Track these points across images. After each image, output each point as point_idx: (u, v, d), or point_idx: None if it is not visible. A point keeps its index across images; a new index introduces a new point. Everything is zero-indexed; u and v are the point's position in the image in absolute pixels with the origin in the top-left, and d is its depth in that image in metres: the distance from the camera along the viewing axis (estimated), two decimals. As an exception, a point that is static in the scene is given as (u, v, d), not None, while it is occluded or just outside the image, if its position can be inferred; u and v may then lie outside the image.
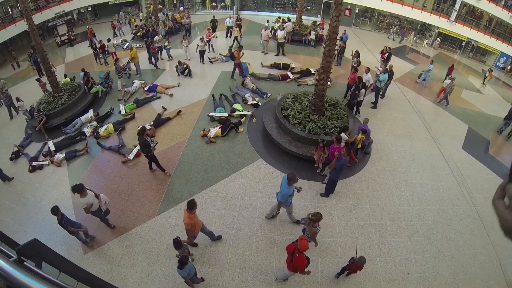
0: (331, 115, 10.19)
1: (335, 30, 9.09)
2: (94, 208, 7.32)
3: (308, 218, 6.31)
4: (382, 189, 9.17)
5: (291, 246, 5.79)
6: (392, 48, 19.38)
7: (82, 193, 6.90)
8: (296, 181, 6.69)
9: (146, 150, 8.80)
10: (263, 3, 26.77)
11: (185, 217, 6.28)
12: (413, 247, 7.65)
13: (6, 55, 23.39)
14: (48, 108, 12.93)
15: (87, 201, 6.94)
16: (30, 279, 1.36)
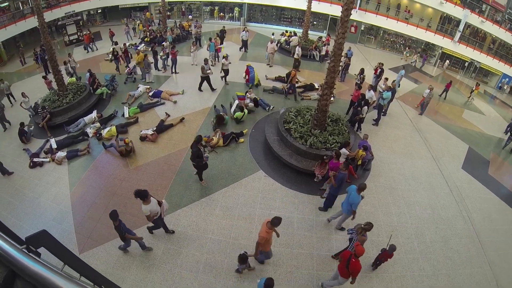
0: (332, 130, 10.29)
1: (341, 46, 9.22)
2: (156, 215, 7.05)
3: (361, 227, 6.46)
4: (381, 205, 9.22)
5: (346, 253, 5.97)
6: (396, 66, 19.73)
7: (146, 199, 6.59)
8: (364, 190, 7.10)
9: (197, 160, 8.61)
10: (270, 16, 27.16)
11: (263, 230, 6.10)
12: (410, 265, 7.66)
13: (14, 50, 23.61)
14: (53, 106, 13.03)
15: (150, 208, 6.64)
16: (39, 266, 1.44)
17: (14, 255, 1.58)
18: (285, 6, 25.51)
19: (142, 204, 6.60)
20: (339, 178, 7.76)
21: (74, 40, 23.76)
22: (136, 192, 6.53)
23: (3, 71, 21.33)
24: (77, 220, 8.70)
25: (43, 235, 1.89)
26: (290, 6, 25.09)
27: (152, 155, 10.82)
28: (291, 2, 24.55)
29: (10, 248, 1.61)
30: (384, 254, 6.86)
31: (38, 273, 1.49)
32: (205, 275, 7.02)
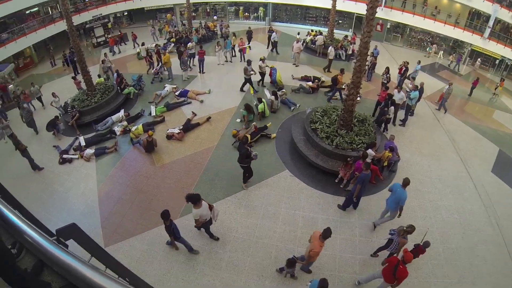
0: (359, 130, 10.10)
1: (366, 45, 9.02)
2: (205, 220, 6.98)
3: (403, 229, 6.41)
4: (406, 208, 8.75)
5: (394, 259, 5.93)
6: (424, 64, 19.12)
7: (197, 203, 6.55)
8: (408, 185, 7.28)
9: (246, 160, 8.56)
10: (295, 15, 26.97)
11: (317, 245, 5.93)
12: (434, 271, 7.38)
13: (44, 52, 24.62)
14: (82, 105, 13.50)
15: (201, 213, 6.59)
16: (68, 257, 1.48)
17: (45, 246, 1.64)
18: (309, 5, 25.28)
19: (193, 208, 6.55)
20: (360, 178, 7.66)
21: (102, 42, 24.57)
22: (188, 196, 6.51)
23: (34, 73, 22.35)
24: (104, 215, 8.97)
25: (73, 228, 2.00)
26: (315, 5, 24.82)
27: (178, 154, 11.00)
28: (315, 1, 24.28)
29: (41, 239, 1.66)
30: (417, 249, 6.70)
31: (67, 263, 1.53)
32: (227, 273, 7.06)
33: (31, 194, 10.03)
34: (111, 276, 1.51)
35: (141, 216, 8.70)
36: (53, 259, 1.61)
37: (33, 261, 2.49)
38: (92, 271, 1.48)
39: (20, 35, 21.46)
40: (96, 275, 1.44)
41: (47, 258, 1.65)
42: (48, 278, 2.26)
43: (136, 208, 9.00)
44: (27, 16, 23.65)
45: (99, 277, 1.44)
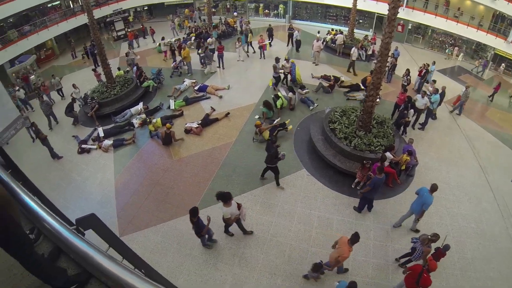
0: (377, 132, 9.97)
1: (387, 46, 8.88)
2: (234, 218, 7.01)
3: (428, 238, 6.35)
4: None
5: (417, 267, 5.83)
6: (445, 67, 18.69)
7: (228, 202, 6.55)
8: (436, 190, 7.30)
9: (274, 161, 8.52)
10: (316, 14, 26.72)
11: (346, 250, 5.83)
12: (447, 281, 7.19)
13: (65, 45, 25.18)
14: (101, 97, 13.74)
15: (231, 211, 6.62)
16: (86, 246, 1.49)
17: (64, 234, 1.66)
18: (330, 4, 24.99)
19: (223, 206, 6.56)
20: (372, 181, 7.59)
21: (122, 35, 24.93)
22: (219, 194, 6.47)
23: (55, 64, 22.88)
24: (120, 205, 9.13)
25: (92, 218, 2.03)
26: (336, 4, 24.53)
27: (196, 148, 11.08)
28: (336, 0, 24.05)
29: (60, 227, 1.69)
30: (438, 253, 6.62)
31: (85, 251, 1.55)
32: (239, 268, 7.10)
33: (50, 182, 10.31)
34: (127, 267, 1.52)
35: (156, 208, 8.81)
36: (71, 246, 1.63)
37: (50, 247, 2.55)
38: (109, 260, 1.50)
39: (42, 27, 22.04)
40: (113, 265, 1.46)
41: (65, 246, 1.67)
42: (64, 265, 2.33)
43: (152, 200, 9.12)
44: (49, 9, 24.29)
45: (116, 267, 1.46)
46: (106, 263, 1.49)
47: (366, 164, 8.64)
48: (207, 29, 21.73)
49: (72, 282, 2.14)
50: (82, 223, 1.90)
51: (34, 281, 2.21)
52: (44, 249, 2.52)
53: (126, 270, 1.44)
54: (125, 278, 1.40)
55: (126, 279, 1.39)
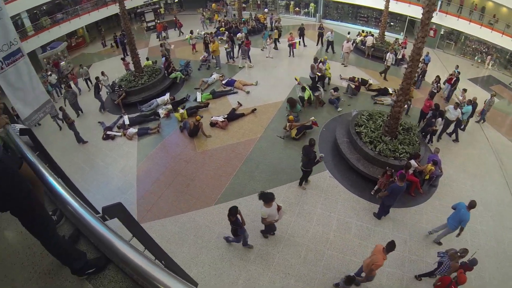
0: (403, 139, 9.77)
1: (419, 51, 8.68)
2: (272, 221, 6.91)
3: (457, 254, 6.25)
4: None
5: (446, 279, 5.86)
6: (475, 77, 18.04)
7: (269, 203, 6.45)
8: (474, 207, 7.17)
9: (310, 164, 8.39)
10: (346, 14, 26.25)
11: (380, 258, 5.71)
12: None
13: (95, 33, 25.88)
14: (129, 85, 14.07)
15: (269, 212, 6.52)
16: (109, 232, 1.51)
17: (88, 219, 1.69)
18: (361, 5, 24.47)
19: (263, 206, 6.46)
20: (391, 187, 7.44)
21: (152, 26, 25.37)
22: (262, 194, 6.40)
23: (85, 52, 23.59)
24: (140, 192, 9.36)
25: (119, 207, 2.03)
26: (367, 5, 23.99)
27: (220, 142, 11.20)
28: (368, 1, 23.43)
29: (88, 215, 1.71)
30: (464, 267, 6.47)
31: (107, 238, 1.56)
32: (254, 265, 7.13)
33: (73, 165, 10.70)
34: (148, 256, 1.55)
35: (176, 199, 8.97)
36: (93, 231, 1.65)
37: (71, 230, 2.64)
38: (129, 248, 1.53)
39: (74, 16, 22.74)
40: (133, 253, 1.48)
41: (87, 230, 1.69)
42: (83, 248, 2.41)
43: (173, 190, 9.29)
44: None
45: (135, 255, 1.47)
46: (127, 251, 1.51)
47: (388, 172, 8.51)
48: (237, 24, 21.82)
49: (90, 265, 2.21)
50: (108, 211, 1.95)
51: (53, 261, 2.30)
52: (65, 231, 2.62)
53: (146, 258, 1.47)
54: (143, 266, 1.42)
55: (144, 267, 1.41)
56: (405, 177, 7.55)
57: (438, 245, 7.80)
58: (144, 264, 1.39)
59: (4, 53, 4.81)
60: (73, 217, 1.69)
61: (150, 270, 1.35)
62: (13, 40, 4.95)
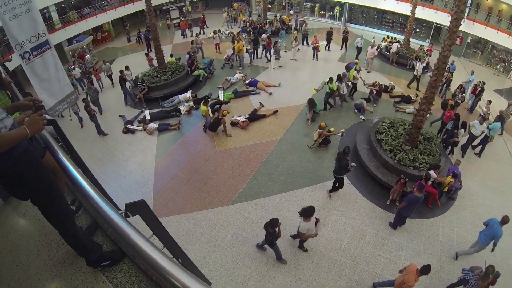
0: (424, 149, 9.64)
1: (445, 60, 8.51)
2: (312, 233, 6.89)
3: (488, 276, 6.10)
4: (459, 241, 8.24)
5: None
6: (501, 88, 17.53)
7: (309, 218, 6.47)
8: (507, 223, 7.02)
9: (341, 171, 8.31)
10: (372, 19, 25.84)
11: (412, 279, 5.64)
12: None
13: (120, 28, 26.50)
14: (151, 81, 14.36)
15: (308, 227, 6.54)
16: (132, 230, 1.53)
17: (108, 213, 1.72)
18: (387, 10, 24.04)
19: (303, 221, 6.45)
20: (408, 197, 7.36)
21: (176, 24, 25.66)
22: (303, 211, 6.38)
23: (110, 46, 24.17)
24: (157, 187, 9.53)
25: (141, 205, 2.06)
26: (393, 10, 23.56)
27: (240, 141, 11.28)
28: (394, 6, 23.01)
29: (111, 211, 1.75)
30: (490, 282, 6.36)
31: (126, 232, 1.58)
32: (266, 267, 7.15)
33: (93, 156, 11.00)
34: (165, 253, 1.57)
35: (193, 196, 9.10)
36: (116, 228, 1.66)
37: (88, 221, 2.73)
38: (146, 243, 1.54)
39: (100, 10, 23.30)
40: (155, 252, 1.48)
41: (108, 225, 1.69)
42: (100, 240, 2.50)
43: (190, 187, 9.42)
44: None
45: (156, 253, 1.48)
46: (147, 247, 1.53)
47: (402, 180, 8.42)
48: (262, 25, 21.88)
49: (106, 258, 2.28)
50: (131, 208, 1.97)
51: (68, 251, 2.37)
52: (83, 221, 2.72)
53: (165, 256, 1.48)
54: (162, 263, 1.42)
55: (160, 262, 1.42)
56: (424, 187, 7.49)
57: (454, 259, 7.70)
58: (163, 261, 1.40)
59: (32, 44, 4.88)
60: (94, 211, 1.70)
61: (168, 267, 1.37)
62: (41, 32, 5.02)
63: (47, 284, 2.23)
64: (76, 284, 2.20)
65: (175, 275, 1.31)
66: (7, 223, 2.89)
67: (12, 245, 2.56)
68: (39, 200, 2.13)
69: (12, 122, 2.02)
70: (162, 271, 1.35)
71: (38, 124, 1.98)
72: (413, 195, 7.33)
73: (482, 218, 8.96)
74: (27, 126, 1.92)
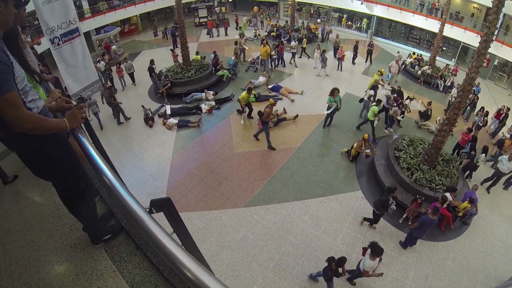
0: (442, 170, 9.53)
1: (472, 81, 8.37)
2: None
3: None
4: (469, 268, 8.10)
5: None
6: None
7: (376, 257, 6.25)
8: None
9: (381, 209, 7.86)
10: (398, 34, 25.59)
11: None
12: None
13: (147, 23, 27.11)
14: (175, 77, 14.60)
15: (373, 265, 6.32)
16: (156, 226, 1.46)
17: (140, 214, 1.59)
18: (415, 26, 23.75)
19: (369, 259, 6.25)
20: (422, 219, 7.27)
21: (204, 22, 26.05)
22: (375, 246, 6.17)
23: (136, 39, 24.69)
24: (171, 182, 9.68)
25: (167, 202, 2.05)
26: (421, 26, 23.26)
27: (258, 145, 11.34)
28: (422, 22, 22.72)
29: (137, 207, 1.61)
30: None
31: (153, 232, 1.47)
32: (272, 273, 7.16)
33: (110, 145, 11.27)
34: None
35: (206, 195, 9.20)
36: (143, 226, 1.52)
37: (104, 209, 2.80)
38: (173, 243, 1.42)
39: (130, 3, 23.84)
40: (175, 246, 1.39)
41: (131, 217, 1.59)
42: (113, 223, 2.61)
43: (204, 186, 9.53)
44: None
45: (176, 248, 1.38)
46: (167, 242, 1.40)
47: (418, 199, 8.34)
48: (289, 31, 21.95)
49: (107, 232, 2.42)
50: (156, 205, 1.97)
51: (81, 236, 2.43)
52: (98, 208, 2.75)
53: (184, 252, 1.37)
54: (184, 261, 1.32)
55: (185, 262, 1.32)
56: (439, 210, 7.41)
57: None
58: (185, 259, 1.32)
59: (63, 30, 5.02)
60: (117, 202, 1.64)
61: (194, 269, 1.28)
62: (72, 20, 5.15)
63: (56, 267, 2.27)
64: (85, 270, 2.23)
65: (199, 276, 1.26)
66: (23, 200, 2.96)
67: (25, 223, 2.62)
68: (62, 180, 2.15)
69: (44, 104, 2.04)
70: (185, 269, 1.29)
71: (77, 118, 2.03)
72: (427, 217, 7.25)
73: (494, 247, 8.91)
74: (67, 119, 1.97)
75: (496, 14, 7.66)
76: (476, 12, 22.36)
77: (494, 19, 7.69)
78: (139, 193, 9.09)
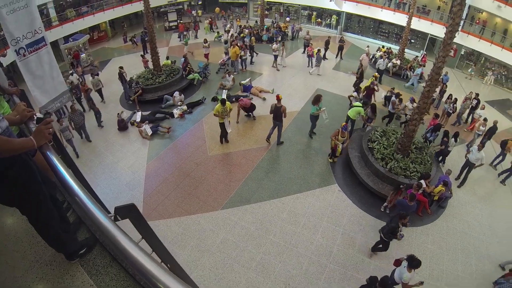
0: (415, 158, 9.70)
1: (439, 71, 8.62)
2: None
3: None
4: (448, 249, 8.29)
5: None
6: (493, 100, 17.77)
7: (413, 269, 6.17)
8: None
9: (389, 236, 7.40)
10: (368, 29, 26.18)
11: None
12: None
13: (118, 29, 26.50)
14: (146, 83, 14.29)
15: (411, 276, 6.17)
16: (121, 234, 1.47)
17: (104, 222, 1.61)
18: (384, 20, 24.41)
19: (407, 272, 6.16)
20: (400, 201, 7.56)
21: (173, 26, 25.85)
22: (413, 260, 6.10)
23: (106, 46, 24.13)
24: (147, 191, 9.45)
25: (131, 209, 2.02)
26: (389, 21, 23.94)
27: (232, 147, 11.26)
28: (390, 16, 23.41)
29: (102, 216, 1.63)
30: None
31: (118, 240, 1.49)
32: (255, 273, 7.10)
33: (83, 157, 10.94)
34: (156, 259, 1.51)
35: (183, 200, 9.03)
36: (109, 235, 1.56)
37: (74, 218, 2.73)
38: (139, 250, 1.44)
39: (98, 10, 23.23)
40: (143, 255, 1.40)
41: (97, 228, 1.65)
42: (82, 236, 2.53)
43: (180, 192, 9.35)
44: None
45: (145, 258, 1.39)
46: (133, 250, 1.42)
47: (401, 188, 8.42)
48: (258, 31, 21.99)
49: (82, 246, 2.33)
50: (121, 212, 1.95)
51: (55, 253, 2.36)
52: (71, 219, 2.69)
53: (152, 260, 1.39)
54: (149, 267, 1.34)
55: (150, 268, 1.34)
56: (415, 197, 7.56)
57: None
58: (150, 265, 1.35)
59: (28, 40, 4.85)
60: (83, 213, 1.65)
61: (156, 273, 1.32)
62: (38, 29, 4.99)
63: (34, 286, 2.20)
64: (63, 287, 2.20)
65: (163, 280, 1.29)
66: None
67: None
68: (26, 205, 2.08)
69: (7, 124, 1.97)
70: (150, 276, 1.31)
71: (45, 134, 1.94)
72: (405, 201, 7.44)
73: (471, 226, 9.17)
74: (34, 137, 1.88)
75: (460, 6, 7.92)
76: (442, 5, 23.20)
77: (458, 10, 7.95)
78: (115, 203, 8.66)
